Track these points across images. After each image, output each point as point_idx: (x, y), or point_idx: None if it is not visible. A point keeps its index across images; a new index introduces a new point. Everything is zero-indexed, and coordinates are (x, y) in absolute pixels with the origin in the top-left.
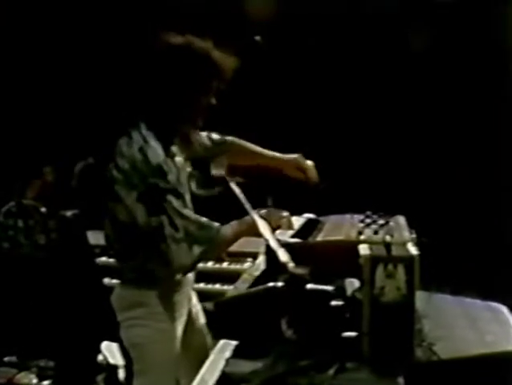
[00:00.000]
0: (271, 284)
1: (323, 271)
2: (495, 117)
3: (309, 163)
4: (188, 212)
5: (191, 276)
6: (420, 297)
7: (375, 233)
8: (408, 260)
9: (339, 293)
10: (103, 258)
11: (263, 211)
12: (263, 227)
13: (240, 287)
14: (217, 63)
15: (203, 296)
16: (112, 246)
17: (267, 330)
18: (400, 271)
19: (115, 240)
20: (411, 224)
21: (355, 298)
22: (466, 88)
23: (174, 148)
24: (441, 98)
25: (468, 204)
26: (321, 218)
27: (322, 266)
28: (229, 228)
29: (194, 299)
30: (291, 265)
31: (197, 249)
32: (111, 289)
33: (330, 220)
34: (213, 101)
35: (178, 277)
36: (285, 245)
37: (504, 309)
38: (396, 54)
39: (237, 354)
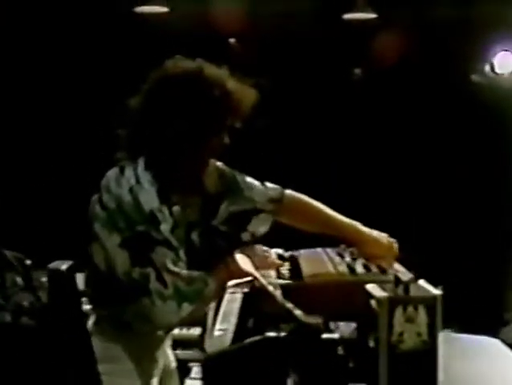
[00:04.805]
0: (271, 333)
1: (318, 315)
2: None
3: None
4: (179, 268)
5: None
6: None
7: (367, 269)
8: (429, 300)
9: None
10: None
11: (247, 248)
12: (248, 266)
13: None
14: (232, 95)
15: None
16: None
17: None
18: (421, 314)
19: (87, 282)
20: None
21: (363, 345)
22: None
23: (175, 197)
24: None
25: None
26: (290, 253)
27: (318, 309)
28: (216, 278)
29: (168, 350)
30: (298, 312)
31: (186, 307)
32: None
33: (303, 256)
34: (227, 140)
35: (159, 333)
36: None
37: (498, 342)
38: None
39: None
